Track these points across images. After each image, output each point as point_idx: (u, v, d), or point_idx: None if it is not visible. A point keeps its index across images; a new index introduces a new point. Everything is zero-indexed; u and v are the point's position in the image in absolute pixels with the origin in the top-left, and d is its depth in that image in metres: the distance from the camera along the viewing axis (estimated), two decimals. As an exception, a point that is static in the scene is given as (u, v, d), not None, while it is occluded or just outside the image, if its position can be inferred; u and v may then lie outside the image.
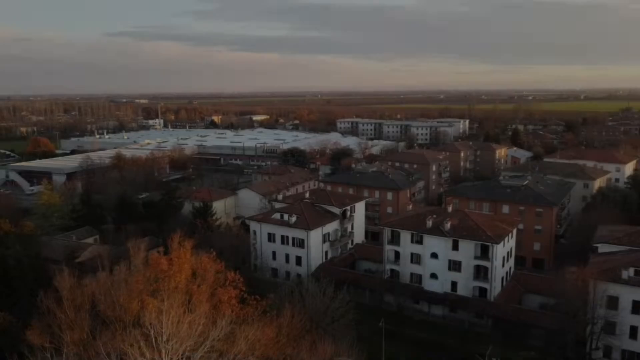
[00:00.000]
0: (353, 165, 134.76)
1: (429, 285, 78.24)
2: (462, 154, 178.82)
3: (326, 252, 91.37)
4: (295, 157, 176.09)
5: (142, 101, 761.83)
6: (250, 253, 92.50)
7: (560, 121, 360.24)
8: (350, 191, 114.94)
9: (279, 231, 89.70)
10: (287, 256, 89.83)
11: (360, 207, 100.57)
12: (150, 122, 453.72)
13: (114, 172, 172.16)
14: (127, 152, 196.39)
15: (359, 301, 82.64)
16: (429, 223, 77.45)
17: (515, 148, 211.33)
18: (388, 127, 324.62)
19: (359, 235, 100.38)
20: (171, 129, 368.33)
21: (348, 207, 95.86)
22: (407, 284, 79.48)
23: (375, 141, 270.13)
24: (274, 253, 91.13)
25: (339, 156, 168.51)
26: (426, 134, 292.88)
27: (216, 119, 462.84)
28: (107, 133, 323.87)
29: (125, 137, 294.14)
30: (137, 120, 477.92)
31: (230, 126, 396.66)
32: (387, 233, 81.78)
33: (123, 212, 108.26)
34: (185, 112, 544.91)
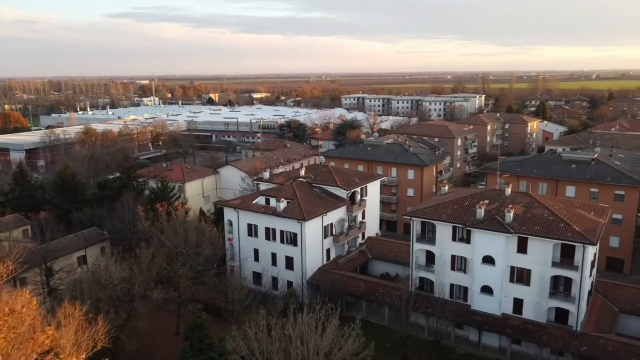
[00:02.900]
0: (362, 137, 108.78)
1: (480, 303, 53.18)
2: (488, 127, 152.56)
3: (328, 251, 66.35)
4: (293, 131, 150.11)
5: (143, 82, 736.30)
6: (225, 251, 67.91)
7: (583, 97, 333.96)
8: (360, 169, 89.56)
9: (262, 221, 64.75)
10: (273, 256, 64.94)
11: (374, 189, 75.19)
12: (145, 99, 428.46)
13: (83, 148, 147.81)
14: (99, 127, 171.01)
15: (375, 322, 58.29)
16: (480, 212, 52.09)
17: (546, 122, 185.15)
18: (397, 102, 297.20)
19: (372, 226, 75.23)
20: (162, 106, 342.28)
21: (358, 189, 70.61)
22: (446, 300, 54.38)
23: (384, 117, 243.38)
24: (255, 252, 66.31)
25: (345, 129, 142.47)
26: (440, 109, 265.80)
27: (214, 96, 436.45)
28: (91, 109, 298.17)
29: (110, 113, 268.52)
30: (130, 98, 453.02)
31: (229, 104, 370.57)
32: (415, 226, 56.49)
33: (65, 195, 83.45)
34: (183, 90, 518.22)
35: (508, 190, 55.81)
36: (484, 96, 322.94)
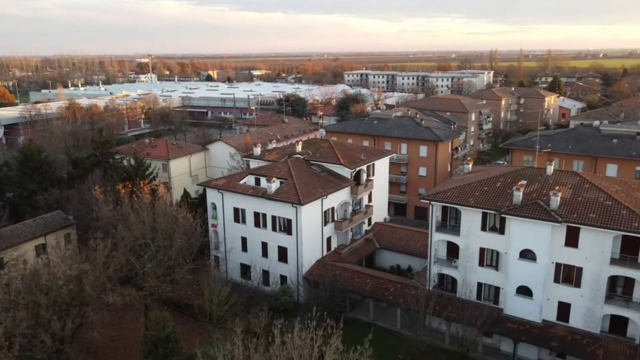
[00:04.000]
0: (369, 109, 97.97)
1: (515, 307, 43.25)
2: (503, 102, 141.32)
3: (328, 240, 56.34)
4: (292, 106, 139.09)
5: (143, 60, 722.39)
6: (209, 240, 58.19)
7: (596, 73, 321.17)
8: (365, 145, 79.07)
9: (251, 205, 54.66)
10: (264, 246, 55.00)
11: (382, 167, 65.00)
12: (142, 76, 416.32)
13: (67, 124, 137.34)
14: (84, 102, 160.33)
15: (384, 326, 48.76)
16: (518, 195, 41.84)
17: (562, 97, 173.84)
18: (403, 78, 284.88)
19: (380, 211, 65.21)
20: (158, 82, 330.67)
21: (364, 167, 60.35)
22: (473, 302, 44.53)
23: (389, 93, 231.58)
24: (243, 240, 56.37)
25: (348, 103, 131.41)
26: (447, 86, 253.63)
27: (212, 73, 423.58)
28: (83, 85, 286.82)
29: (103, 89, 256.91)
30: (127, 75, 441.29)
31: (227, 80, 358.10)
32: (435, 211, 46.31)
33: (30, 174, 73.37)
34: (181, 67, 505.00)
35: (550, 168, 45.43)
36: (492, 72, 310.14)
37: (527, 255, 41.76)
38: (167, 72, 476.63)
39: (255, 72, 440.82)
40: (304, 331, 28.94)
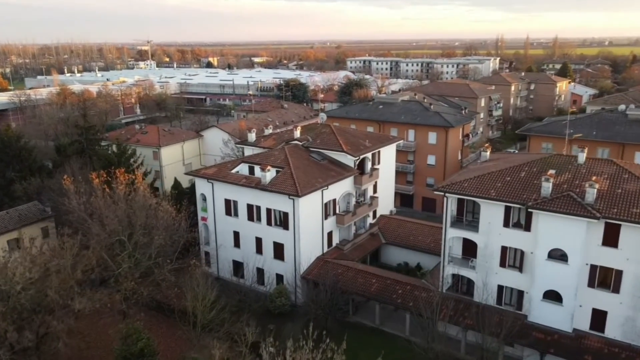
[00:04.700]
0: (373, 93, 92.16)
1: (541, 313, 38.00)
2: (512, 88, 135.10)
3: (329, 234, 51.07)
4: (292, 91, 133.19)
5: (143, 47, 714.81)
6: (198, 235, 53.08)
7: (605, 60, 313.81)
8: (370, 130, 73.43)
9: (244, 197, 49.34)
10: (258, 242, 49.76)
11: (388, 155, 59.50)
12: (141, 63, 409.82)
13: (60, 111, 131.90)
14: (76, 88, 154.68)
15: (391, 332, 43.76)
16: (547, 187, 36.40)
17: (573, 83, 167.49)
18: (407, 65, 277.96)
19: (386, 202, 59.78)
20: (157, 69, 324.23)
21: (368, 155, 54.90)
22: (492, 307, 39.31)
23: (393, 80, 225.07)
24: (236, 235, 51.14)
25: (351, 89, 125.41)
26: (453, 72, 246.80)
27: (213, 60, 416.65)
28: (79, 72, 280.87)
29: (99, 75, 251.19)
30: (126, 62, 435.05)
31: (228, 67, 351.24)
32: (450, 205, 40.88)
33: (8, 161, 68.09)
34: (181, 54, 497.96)
35: (582, 156, 39.97)
36: (498, 59, 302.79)
37: (556, 255, 36.42)
38: (167, 59, 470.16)
39: (256, 59, 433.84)
40: (298, 351, 23.91)
